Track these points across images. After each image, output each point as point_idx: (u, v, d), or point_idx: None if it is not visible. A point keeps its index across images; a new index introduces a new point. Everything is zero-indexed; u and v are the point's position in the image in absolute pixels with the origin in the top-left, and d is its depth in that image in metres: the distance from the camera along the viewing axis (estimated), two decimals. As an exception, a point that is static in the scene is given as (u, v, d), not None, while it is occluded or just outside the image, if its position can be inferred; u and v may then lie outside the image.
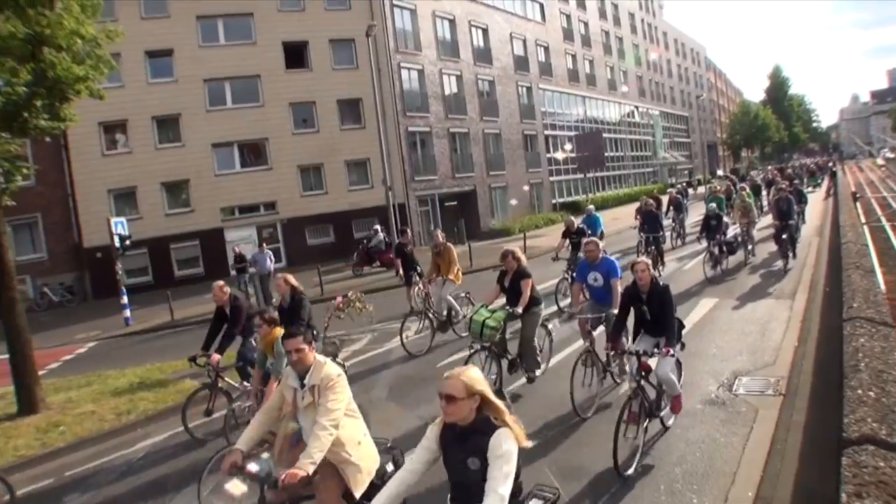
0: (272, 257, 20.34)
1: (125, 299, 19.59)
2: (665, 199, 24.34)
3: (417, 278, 13.79)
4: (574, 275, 10.24)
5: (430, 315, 11.87)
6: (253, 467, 4.17)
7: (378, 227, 26.56)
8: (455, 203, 37.69)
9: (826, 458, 5.37)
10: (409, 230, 17.77)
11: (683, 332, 6.86)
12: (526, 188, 43.82)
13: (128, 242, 19.48)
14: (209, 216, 29.66)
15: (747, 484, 5.48)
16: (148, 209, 28.64)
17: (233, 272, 21.97)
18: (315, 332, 8.26)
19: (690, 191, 43.29)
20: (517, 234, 31.24)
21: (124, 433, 8.89)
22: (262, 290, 19.78)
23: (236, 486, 4.33)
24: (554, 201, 47.08)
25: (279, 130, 30.87)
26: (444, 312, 11.95)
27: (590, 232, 15.32)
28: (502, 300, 8.64)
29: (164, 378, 11.12)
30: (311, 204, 31.56)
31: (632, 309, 6.76)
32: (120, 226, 19.23)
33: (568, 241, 14.72)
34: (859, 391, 5.38)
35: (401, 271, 15.63)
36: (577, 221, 15.82)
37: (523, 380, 8.59)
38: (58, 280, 26.71)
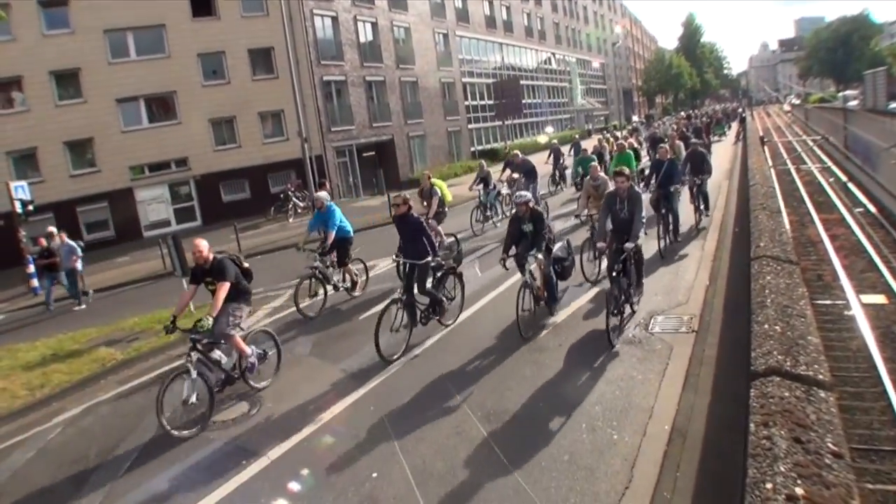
0: (79, 251, 16.08)
1: (32, 268, 18.57)
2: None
3: None
4: None
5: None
6: None
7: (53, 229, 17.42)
8: (373, 153, 37.45)
9: (736, 390, 5.63)
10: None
11: None
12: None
13: (31, 207, 18.58)
14: (117, 176, 28.43)
15: (664, 418, 5.83)
16: (50, 171, 27.20)
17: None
18: None
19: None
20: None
21: (38, 409, 8.63)
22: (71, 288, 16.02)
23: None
24: (473, 149, 47.28)
25: (188, 83, 29.59)
26: None
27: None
28: None
29: (78, 348, 10.83)
30: (225, 159, 30.66)
31: None
32: (21, 190, 18.34)
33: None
34: (766, 326, 5.60)
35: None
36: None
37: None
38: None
